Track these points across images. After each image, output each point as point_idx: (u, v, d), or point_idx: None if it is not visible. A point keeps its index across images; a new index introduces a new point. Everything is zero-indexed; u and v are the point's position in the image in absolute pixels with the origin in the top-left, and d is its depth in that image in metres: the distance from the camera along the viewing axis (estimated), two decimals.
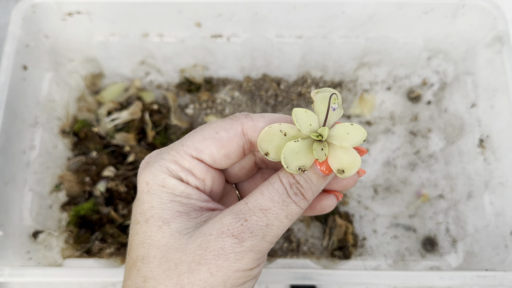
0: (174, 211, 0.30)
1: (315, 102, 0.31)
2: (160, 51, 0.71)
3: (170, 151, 0.31)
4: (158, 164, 0.31)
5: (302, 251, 0.65)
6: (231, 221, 0.29)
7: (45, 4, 0.63)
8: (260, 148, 0.30)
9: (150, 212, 0.30)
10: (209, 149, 0.31)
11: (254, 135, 0.32)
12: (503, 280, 0.51)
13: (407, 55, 0.72)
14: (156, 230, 0.29)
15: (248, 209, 0.29)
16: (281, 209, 0.29)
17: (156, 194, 0.30)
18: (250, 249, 0.28)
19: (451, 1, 0.63)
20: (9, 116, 0.58)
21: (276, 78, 0.76)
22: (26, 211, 0.60)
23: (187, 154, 0.31)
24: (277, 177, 0.30)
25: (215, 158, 0.31)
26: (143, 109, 0.70)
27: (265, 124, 0.31)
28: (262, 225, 0.29)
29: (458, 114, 0.70)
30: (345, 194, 0.69)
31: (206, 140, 0.31)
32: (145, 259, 0.29)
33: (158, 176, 0.30)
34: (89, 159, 0.68)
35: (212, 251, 0.28)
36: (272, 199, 0.29)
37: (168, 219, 0.30)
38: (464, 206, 0.66)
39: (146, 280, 0.29)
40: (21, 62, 0.61)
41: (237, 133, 0.31)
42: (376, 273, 0.51)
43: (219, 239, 0.28)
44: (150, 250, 0.29)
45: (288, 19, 0.65)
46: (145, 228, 0.30)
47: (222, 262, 0.28)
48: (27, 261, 0.59)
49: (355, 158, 0.30)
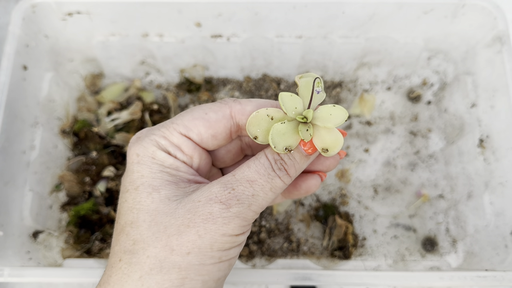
0: (163, 180, 0.31)
1: (300, 87, 0.33)
2: (160, 51, 0.71)
3: (161, 128, 0.33)
4: (149, 138, 0.32)
5: (302, 251, 0.65)
6: (219, 189, 0.30)
7: (45, 4, 0.63)
8: (249, 132, 0.32)
9: (140, 180, 0.31)
10: (197, 128, 0.33)
11: (241, 118, 0.33)
12: (503, 280, 0.51)
13: (407, 55, 0.72)
14: (146, 196, 0.31)
15: (235, 180, 0.31)
16: (266, 181, 0.31)
17: (146, 164, 0.32)
18: (237, 215, 0.30)
19: (451, 1, 0.63)
20: (9, 116, 0.58)
21: (276, 78, 0.76)
22: (26, 211, 0.60)
23: (176, 131, 0.33)
24: (263, 154, 0.32)
25: (203, 138, 0.33)
26: (143, 109, 0.70)
27: (252, 108, 0.33)
28: (249, 195, 0.30)
29: (458, 114, 0.70)
30: (345, 194, 0.69)
31: (195, 120, 0.33)
32: (134, 223, 0.30)
33: (149, 149, 0.32)
34: (89, 159, 0.68)
35: (201, 216, 0.29)
36: (258, 171, 0.31)
37: (157, 186, 0.31)
38: (464, 206, 0.66)
39: (135, 243, 0.30)
40: (21, 62, 0.61)
41: (225, 115, 0.33)
42: (376, 274, 0.51)
43: (207, 205, 0.29)
44: (139, 214, 0.30)
45: (288, 19, 0.65)
46: (134, 195, 0.31)
47: (210, 225, 0.29)
48: (27, 261, 0.59)
49: (337, 137, 0.32)
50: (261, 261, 0.64)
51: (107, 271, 0.31)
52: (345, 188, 0.70)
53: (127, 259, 0.30)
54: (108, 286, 0.30)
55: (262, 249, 0.65)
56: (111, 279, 0.30)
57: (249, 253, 0.64)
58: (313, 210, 0.68)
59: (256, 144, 0.37)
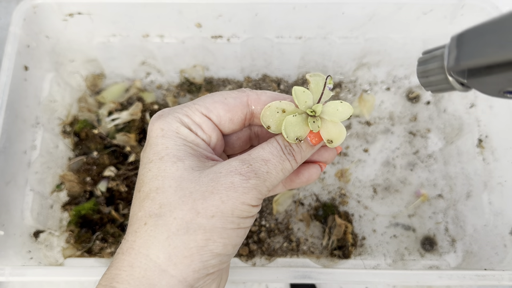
0: (187, 152, 0.34)
1: (311, 83, 0.36)
2: (160, 52, 0.71)
3: (183, 108, 0.36)
4: (172, 115, 0.35)
5: (302, 250, 0.65)
6: (239, 164, 0.33)
7: (46, 4, 0.63)
8: (263, 122, 0.35)
9: (165, 151, 0.34)
10: (217, 110, 0.36)
11: (257, 107, 0.37)
12: (502, 279, 0.51)
13: (407, 55, 0.72)
14: (171, 165, 0.33)
15: (251, 158, 0.34)
16: (278, 162, 0.34)
17: (171, 138, 0.34)
18: (254, 187, 0.33)
19: (450, 1, 0.63)
20: (10, 116, 0.58)
21: (276, 78, 0.76)
22: (27, 211, 0.60)
23: (198, 111, 0.35)
24: (274, 140, 0.36)
25: (221, 120, 0.36)
26: (143, 110, 0.71)
27: (267, 98, 0.37)
28: (264, 171, 0.33)
29: (457, 114, 0.70)
30: (345, 194, 0.69)
31: (216, 103, 0.36)
32: (160, 189, 0.32)
33: (173, 124, 0.34)
34: (90, 159, 0.68)
35: (223, 184, 0.32)
36: (271, 152, 0.35)
37: (181, 156, 0.33)
38: (463, 206, 0.66)
39: (162, 206, 0.32)
40: (22, 62, 0.62)
41: (243, 102, 0.36)
42: (376, 272, 0.52)
43: (228, 176, 0.32)
44: (165, 181, 0.32)
45: (288, 19, 0.66)
46: (159, 164, 0.33)
47: (232, 193, 0.32)
48: (28, 260, 0.59)
49: (341, 130, 0.36)
50: (261, 260, 0.64)
51: (130, 238, 0.32)
52: (344, 188, 0.70)
53: (153, 222, 0.31)
54: (132, 251, 0.31)
55: (262, 249, 0.65)
56: (136, 244, 0.31)
57: (249, 252, 0.64)
58: (312, 210, 0.68)
59: (264, 134, 0.41)
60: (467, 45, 0.28)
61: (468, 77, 0.29)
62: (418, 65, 0.34)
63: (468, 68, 0.28)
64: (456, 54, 0.29)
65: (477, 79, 0.28)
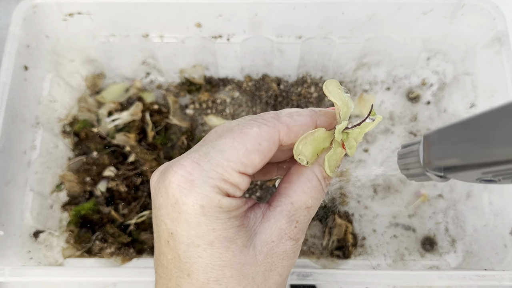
0: (234, 227, 0.31)
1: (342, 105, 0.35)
2: (160, 52, 0.71)
3: (216, 168, 0.30)
4: (208, 185, 0.30)
5: (302, 250, 0.65)
6: (286, 225, 0.32)
7: (45, 4, 0.63)
8: (298, 159, 0.33)
9: (213, 235, 0.30)
10: (253, 162, 0.31)
11: (287, 140, 0.33)
12: (502, 279, 0.51)
13: (407, 55, 0.72)
14: (225, 250, 0.30)
15: (295, 209, 0.33)
16: (318, 204, 0.34)
17: (215, 216, 0.30)
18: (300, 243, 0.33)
19: (450, 1, 0.63)
20: (10, 116, 0.58)
21: (276, 78, 0.76)
22: (27, 211, 0.60)
23: (235, 171, 0.31)
24: (313, 174, 0.34)
25: (257, 168, 0.32)
26: (143, 110, 0.70)
27: (298, 129, 0.33)
28: (307, 221, 0.33)
29: (457, 114, 0.70)
30: (345, 194, 0.69)
31: (251, 154, 0.31)
32: (220, 279, 0.30)
33: (214, 198, 0.30)
34: (90, 159, 0.68)
35: (278, 256, 0.32)
36: (313, 197, 0.33)
37: (232, 237, 0.30)
38: (463, 206, 0.66)
39: None
40: (22, 62, 0.61)
41: (275, 141, 0.32)
42: (376, 273, 0.52)
43: (281, 244, 0.32)
44: (224, 270, 0.30)
45: (288, 19, 0.66)
46: (210, 251, 0.30)
47: (286, 262, 0.32)
48: (28, 260, 0.59)
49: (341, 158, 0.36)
50: None
51: None
52: (344, 188, 0.70)
53: None
54: None
55: None
56: None
57: None
58: None
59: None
60: (437, 145, 0.28)
61: (444, 171, 0.30)
62: (398, 158, 0.35)
63: (442, 165, 0.29)
64: (428, 153, 0.30)
65: (452, 174, 0.29)
